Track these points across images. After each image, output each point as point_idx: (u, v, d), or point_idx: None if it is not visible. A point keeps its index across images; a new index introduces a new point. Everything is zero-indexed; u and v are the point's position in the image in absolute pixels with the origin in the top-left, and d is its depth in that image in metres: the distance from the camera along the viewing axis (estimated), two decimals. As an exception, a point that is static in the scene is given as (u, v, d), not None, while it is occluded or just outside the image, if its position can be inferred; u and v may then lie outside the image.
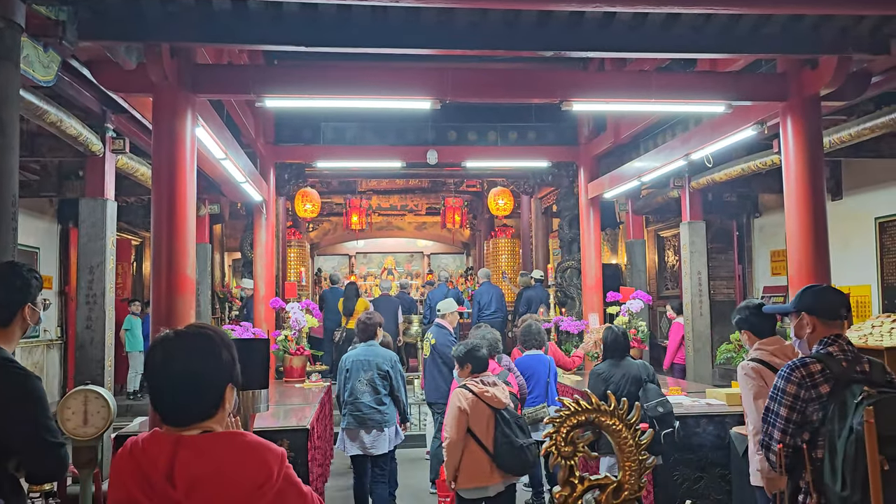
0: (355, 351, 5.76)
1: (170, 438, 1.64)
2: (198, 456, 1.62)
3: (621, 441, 1.05)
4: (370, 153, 9.80)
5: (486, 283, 11.21)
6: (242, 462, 1.65)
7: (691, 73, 5.55)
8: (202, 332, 1.78)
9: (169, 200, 4.65)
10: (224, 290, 14.70)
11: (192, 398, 1.68)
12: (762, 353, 3.87)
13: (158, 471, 1.60)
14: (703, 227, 8.85)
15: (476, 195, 17.76)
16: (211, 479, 1.61)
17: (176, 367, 1.68)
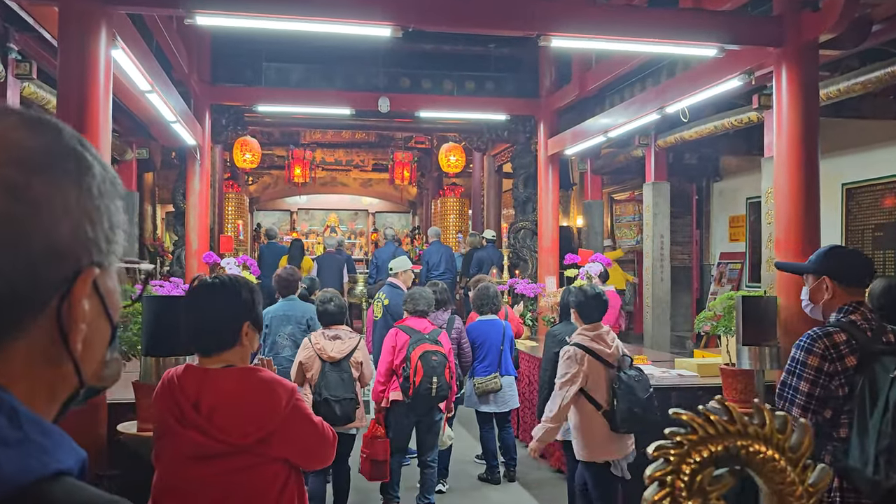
0: (275, 306, 5.67)
1: (198, 372, 1.98)
2: (219, 387, 1.95)
3: (782, 485, 0.67)
4: (316, 98, 9.05)
5: (435, 243, 10.67)
6: (255, 392, 1.97)
7: (683, 9, 5.02)
8: (226, 278, 2.10)
9: (78, 129, 3.91)
10: (155, 243, 13.78)
11: (214, 331, 2.03)
12: (583, 338, 3.99)
13: (188, 399, 1.93)
14: (667, 188, 8.46)
15: (425, 152, 17.10)
16: (228, 405, 1.92)
17: (202, 303, 2.05)
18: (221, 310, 2.04)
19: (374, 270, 10.48)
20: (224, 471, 1.93)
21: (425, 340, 4.79)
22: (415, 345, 4.77)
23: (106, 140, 4.03)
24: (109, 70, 4.10)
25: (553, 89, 9.27)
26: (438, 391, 4.72)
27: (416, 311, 5.07)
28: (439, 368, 4.71)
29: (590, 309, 4.08)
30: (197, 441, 1.92)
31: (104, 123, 4.02)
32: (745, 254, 9.73)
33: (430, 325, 5.04)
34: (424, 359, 4.64)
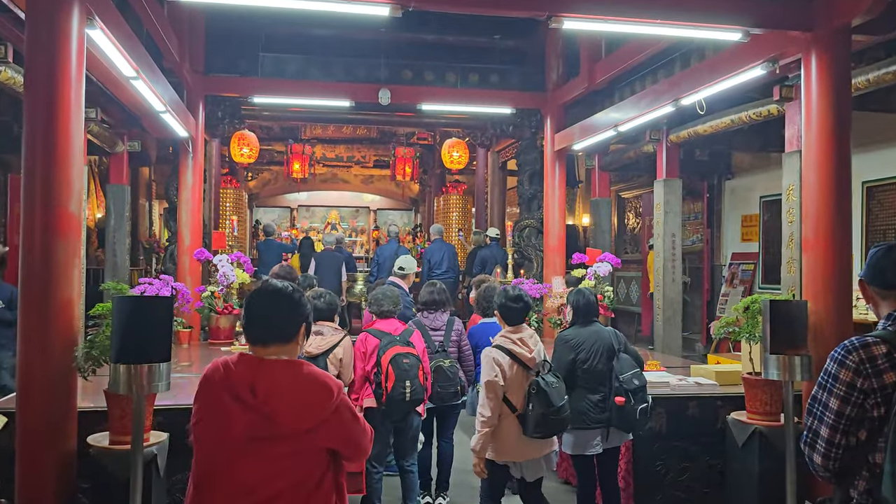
0: None
1: (253, 360, 2.15)
2: (274, 375, 2.12)
3: None
4: (315, 90, 8.71)
5: (437, 241, 10.33)
6: (308, 384, 2.16)
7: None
8: (291, 285, 2.33)
9: (47, 112, 3.57)
10: (151, 239, 13.46)
11: (277, 327, 2.23)
12: (505, 339, 4.06)
13: (244, 383, 2.09)
14: (679, 185, 8.09)
15: (427, 148, 16.75)
16: (283, 393, 2.10)
17: (270, 301, 2.26)
18: (288, 308, 2.27)
19: (375, 268, 10.15)
20: (273, 454, 2.09)
21: (396, 343, 4.56)
22: (385, 348, 4.53)
23: (78, 125, 3.70)
24: (83, 50, 3.76)
25: (560, 82, 8.93)
26: (413, 395, 4.49)
27: (381, 313, 4.84)
28: (412, 371, 4.48)
29: (512, 312, 4.15)
30: (252, 422, 2.07)
31: (76, 108, 3.69)
32: (758, 254, 9.37)
33: (400, 326, 4.81)
34: (395, 362, 4.42)
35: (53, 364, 3.52)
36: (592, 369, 4.29)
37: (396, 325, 4.81)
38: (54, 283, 3.54)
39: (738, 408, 4.68)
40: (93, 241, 11.83)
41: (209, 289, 7.46)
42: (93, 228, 11.91)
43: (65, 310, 3.59)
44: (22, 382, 3.54)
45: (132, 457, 3.13)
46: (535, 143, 10.55)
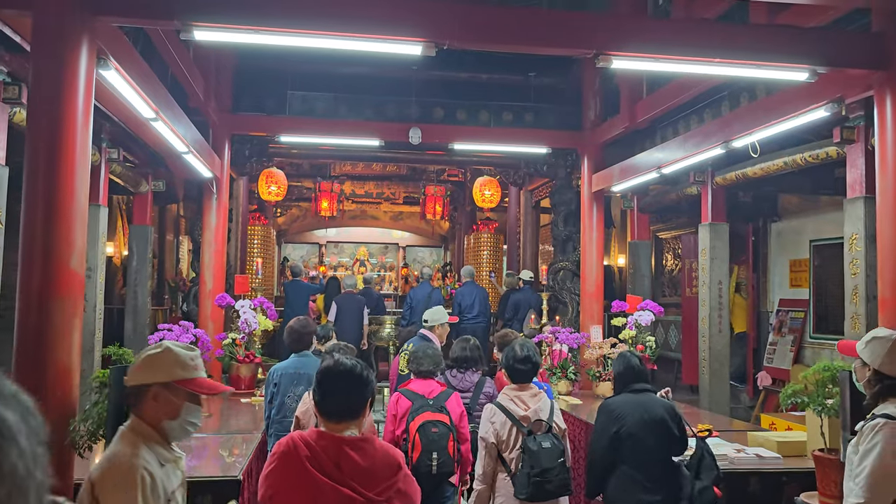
0: (285, 363, 5.07)
1: (334, 438, 2.30)
2: (355, 451, 2.29)
3: None
4: (343, 129, 8.46)
5: (469, 283, 9.93)
6: (383, 457, 2.34)
7: (767, 26, 4.28)
8: (358, 363, 2.47)
9: (48, 160, 3.29)
10: (176, 278, 13.27)
11: (348, 405, 2.38)
12: (504, 396, 4.04)
13: (331, 459, 2.26)
14: (725, 230, 7.63)
15: (458, 185, 16.47)
16: (363, 467, 2.27)
17: (341, 384, 2.40)
18: (356, 389, 2.41)
19: (407, 312, 9.74)
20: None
21: (427, 408, 4.18)
22: (415, 413, 4.17)
23: (83, 174, 3.40)
24: (90, 93, 3.48)
25: (598, 121, 8.57)
26: (440, 468, 4.08)
27: (419, 372, 4.48)
28: (440, 441, 4.09)
29: (518, 373, 4.09)
30: (343, 494, 2.23)
31: (81, 156, 3.40)
32: (808, 301, 8.82)
33: (436, 388, 4.42)
34: (423, 431, 4.08)
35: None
36: (638, 446, 3.86)
37: (433, 386, 4.44)
38: (51, 348, 3.23)
39: (805, 485, 4.18)
40: (118, 279, 11.67)
41: (230, 336, 7.15)
42: (118, 266, 11.75)
43: (62, 378, 3.26)
44: (12, 458, 3.20)
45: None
46: (571, 183, 10.19)
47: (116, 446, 2.26)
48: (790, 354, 8.89)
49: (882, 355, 2.69)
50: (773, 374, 8.99)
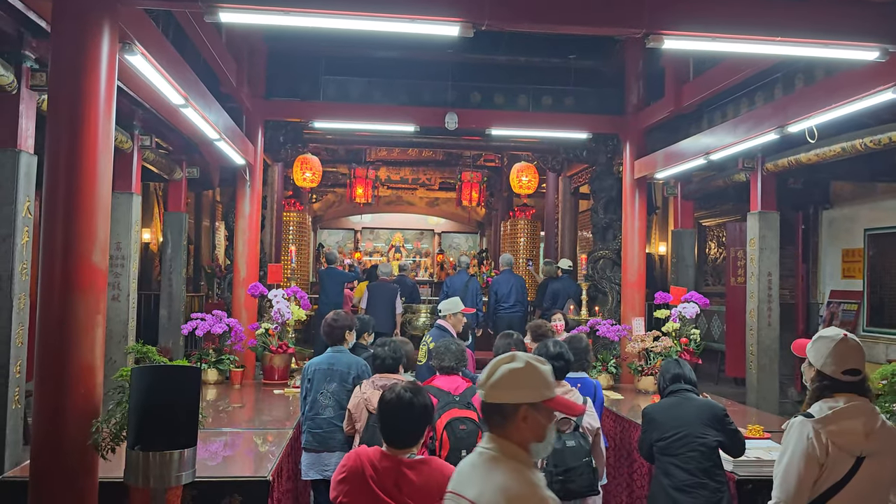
0: (319, 358, 4.96)
1: (395, 459, 2.67)
2: (413, 472, 2.66)
3: None
4: (379, 114, 8.27)
5: (506, 272, 9.70)
6: (437, 477, 2.60)
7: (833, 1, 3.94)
8: (417, 393, 2.79)
9: (69, 151, 3.16)
10: (212, 264, 13.28)
11: (409, 434, 2.75)
12: None
13: (391, 480, 2.63)
14: (776, 219, 7.28)
15: (494, 171, 16.22)
16: (420, 487, 2.62)
17: (403, 414, 2.73)
18: (416, 420, 2.75)
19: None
20: None
21: (454, 405, 4.05)
22: (441, 411, 4.02)
23: (105, 164, 3.26)
24: (113, 77, 3.33)
25: (641, 105, 8.25)
26: None
27: (441, 368, 4.34)
28: (469, 439, 3.95)
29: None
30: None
31: (104, 145, 3.25)
32: (862, 293, 8.43)
33: (462, 384, 4.27)
34: (450, 429, 3.96)
35: (69, 439, 3.07)
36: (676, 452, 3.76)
37: (458, 382, 4.27)
38: (73, 346, 3.10)
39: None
40: (155, 265, 11.70)
41: (263, 326, 7.04)
42: (156, 253, 11.78)
43: (84, 376, 3.14)
44: (35, 460, 3.10)
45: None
46: (611, 169, 9.88)
47: (509, 481, 1.97)
48: (842, 348, 8.52)
49: (825, 356, 2.65)
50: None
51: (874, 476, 2.58)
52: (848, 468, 2.57)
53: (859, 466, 2.57)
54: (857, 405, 2.60)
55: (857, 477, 2.57)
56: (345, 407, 4.58)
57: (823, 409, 2.62)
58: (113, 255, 6.63)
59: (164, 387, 2.74)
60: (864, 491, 2.58)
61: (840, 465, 2.58)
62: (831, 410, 2.60)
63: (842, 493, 2.57)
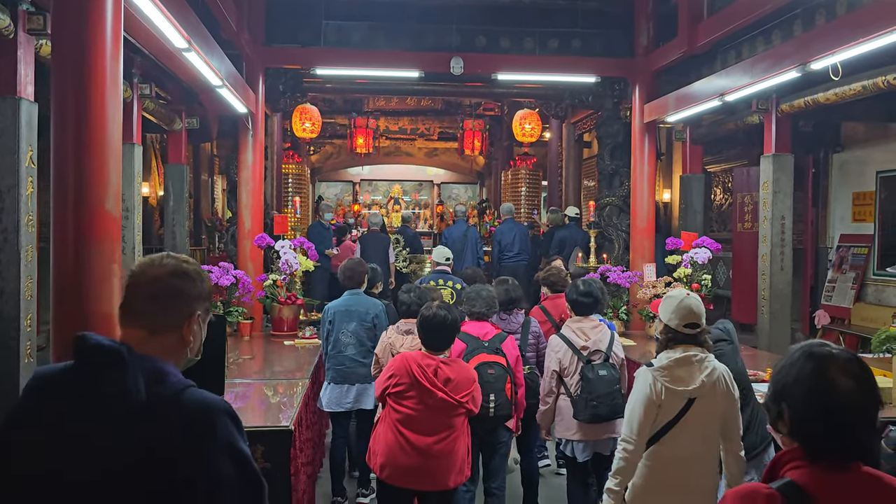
0: (338, 301, 5.36)
1: (434, 359, 3.63)
2: (447, 367, 3.61)
3: None
4: (381, 60, 8.05)
5: (508, 220, 9.62)
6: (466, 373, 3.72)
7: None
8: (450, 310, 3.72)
9: (76, 96, 3.01)
10: (213, 217, 13.12)
11: (444, 341, 3.71)
12: (567, 329, 4.45)
13: (429, 372, 3.56)
14: (790, 161, 7.17)
15: (495, 119, 15.99)
16: (454, 378, 3.58)
17: (438, 327, 3.65)
18: (449, 331, 3.68)
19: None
20: (449, 412, 3.60)
21: (482, 350, 4.16)
22: (470, 355, 4.12)
23: (115, 109, 3.12)
24: (119, 17, 3.16)
25: (651, 47, 8.05)
26: (497, 410, 4.09)
27: (472, 314, 4.39)
28: (497, 384, 4.09)
29: (580, 305, 4.49)
30: (439, 396, 3.53)
31: (112, 88, 3.11)
32: (873, 236, 8.35)
33: (492, 330, 4.32)
34: (479, 372, 4.01)
35: (91, 391, 2.99)
36: None
37: (488, 329, 4.32)
38: (91, 297, 3.01)
39: (892, 435, 3.88)
40: (155, 219, 11.55)
41: (271, 277, 6.96)
42: (155, 207, 11.61)
43: (103, 327, 3.05)
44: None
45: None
46: (618, 114, 9.67)
47: None
48: (851, 292, 8.48)
49: (670, 312, 3.09)
50: (832, 312, 8.61)
51: (702, 415, 3.04)
52: (680, 408, 3.03)
53: (690, 407, 3.03)
54: (692, 355, 3.05)
55: (688, 416, 3.03)
56: (364, 344, 5.14)
57: (663, 360, 3.10)
58: (116, 208, 6.50)
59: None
60: (694, 427, 3.05)
61: (673, 405, 3.04)
62: (668, 360, 3.07)
63: (675, 428, 3.04)
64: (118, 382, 1.47)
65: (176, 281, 1.64)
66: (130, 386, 1.47)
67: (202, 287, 1.70)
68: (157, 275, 1.64)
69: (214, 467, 1.46)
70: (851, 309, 8.40)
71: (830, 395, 1.52)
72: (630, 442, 3.06)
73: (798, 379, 1.56)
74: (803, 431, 1.56)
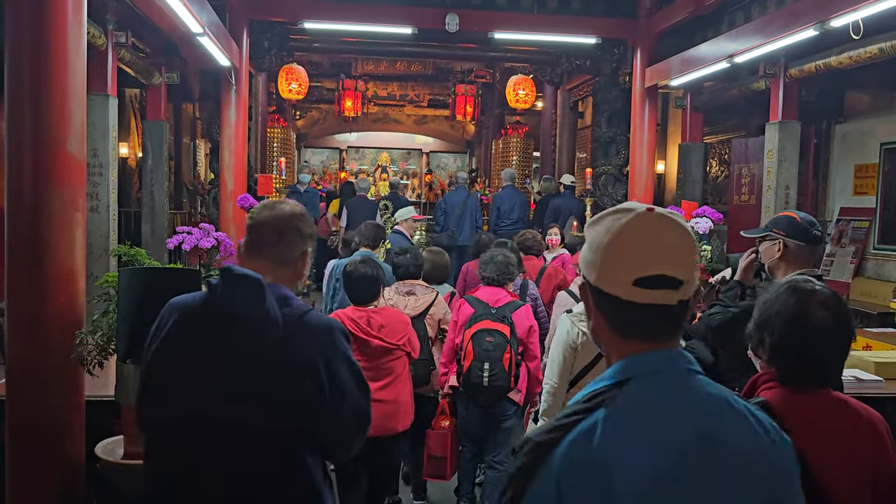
0: (344, 260, 5.13)
1: (363, 310, 3.64)
2: (377, 315, 3.64)
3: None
4: (373, 14, 7.66)
5: (508, 187, 9.31)
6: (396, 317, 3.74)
7: None
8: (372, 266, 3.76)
9: (34, 22, 2.67)
10: (195, 181, 12.71)
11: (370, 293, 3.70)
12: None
13: (362, 323, 3.57)
14: (797, 129, 6.91)
15: (486, 87, 15.59)
16: (385, 324, 3.63)
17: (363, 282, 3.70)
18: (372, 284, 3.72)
19: (441, 217, 9.19)
20: (387, 358, 3.64)
21: (487, 317, 3.93)
22: (473, 322, 3.93)
23: (77, 39, 2.77)
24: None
25: (654, 8, 7.72)
26: (492, 380, 3.84)
27: (483, 279, 4.18)
28: (494, 353, 3.85)
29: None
30: (375, 343, 3.58)
31: (74, 17, 2.76)
32: (875, 210, 8.13)
33: (505, 298, 4.07)
34: (476, 340, 3.86)
35: (49, 352, 2.69)
36: None
37: (500, 295, 4.06)
38: (50, 248, 2.69)
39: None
40: (134, 181, 11.14)
41: (254, 240, 6.62)
42: (134, 169, 11.20)
43: (64, 282, 2.74)
44: (11, 375, 2.73)
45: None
46: (617, 80, 9.36)
47: None
48: (850, 266, 8.27)
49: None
50: (830, 287, 8.40)
51: None
52: (596, 352, 3.08)
53: None
54: None
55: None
56: None
57: (581, 306, 3.12)
58: (90, 164, 6.12)
59: (158, 294, 2.33)
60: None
61: (590, 349, 3.11)
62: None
63: (593, 371, 3.12)
64: (260, 305, 1.72)
65: (295, 221, 1.90)
66: (269, 308, 1.73)
67: (311, 229, 1.96)
68: (281, 215, 1.89)
69: (339, 374, 1.79)
70: (850, 283, 8.21)
71: (807, 327, 1.66)
72: (552, 384, 3.25)
73: (780, 311, 1.69)
74: (780, 357, 1.70)
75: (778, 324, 1.69)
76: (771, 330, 1.71)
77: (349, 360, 1.84)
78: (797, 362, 1.69)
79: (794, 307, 1.68)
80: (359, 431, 1.90)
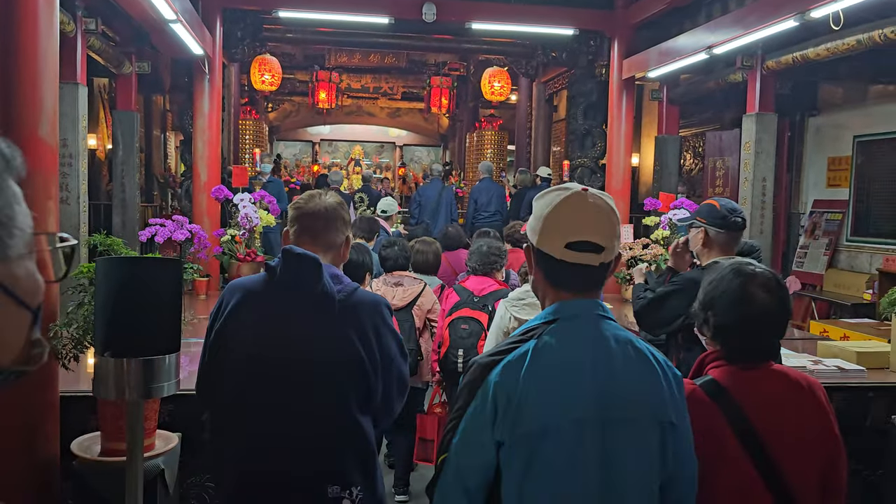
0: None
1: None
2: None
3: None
4: (349, 3, 7.54)
5: (486, 179, 9.27)
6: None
7: None
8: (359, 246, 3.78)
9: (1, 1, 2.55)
10: (166, 173, 12.49)
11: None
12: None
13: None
14: (774, 121, 6.94)
15: (461, 80, 15.51)
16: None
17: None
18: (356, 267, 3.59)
19: (416, 210, 9.15)
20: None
21: (468, 305, 3.99)
22: (454, 309, 3.99)
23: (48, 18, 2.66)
24: None
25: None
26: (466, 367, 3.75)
27: (470, 269, 4.23)
28: (469, 340, 3.91)
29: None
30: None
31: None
32: (847, 202, 8.23)
33: (491, 286, 4.08)
34: (452, 327, 3.95)
35: (22, 347, 2.57)
36: None
37: (487, 284, 4.07)
38: (21, 236, 2.56)
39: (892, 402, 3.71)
40: (103, 174, 10.90)
41: (229, 232, 6.49)
42: (103, 161, 10.95)
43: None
44: (-20, 370, 2.60)
45: (128, 480, 2.22)
46: (593, 72, 9.36)
47: None
48: (824, 258, 8.39)
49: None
50: (803, 278, 8.51)
51: None
52: None
53: None
54: None
55: None
56: None
57: (519, 292, 3.37)
58: (60, 154, 5.95)
59: (137, 284, 2.24)
60: None
61: None
62: (521, 291, 3.34)
63: None
64: (318, 282, 1.94)
65: (339, 209, 2.12)
66: (326, 283, 1.95)
67: (350, 217, 2.15)
68: (327, 205, 2.10)
69: (386, 344, 2.04)
70: (824, 275, 8.31)
71: (748, 306, 1.75)
72: None
73: (725, 292, 1.78)
74: (724, 336, 1.80)
75: (722, 305, 1.79)
76: (715, 310, 1.80)
77: (393, 331, 2.09)
78: (741, 340, 1.79)
79: (738, 289, 1.77)
80: (400, 395, 2.12)
